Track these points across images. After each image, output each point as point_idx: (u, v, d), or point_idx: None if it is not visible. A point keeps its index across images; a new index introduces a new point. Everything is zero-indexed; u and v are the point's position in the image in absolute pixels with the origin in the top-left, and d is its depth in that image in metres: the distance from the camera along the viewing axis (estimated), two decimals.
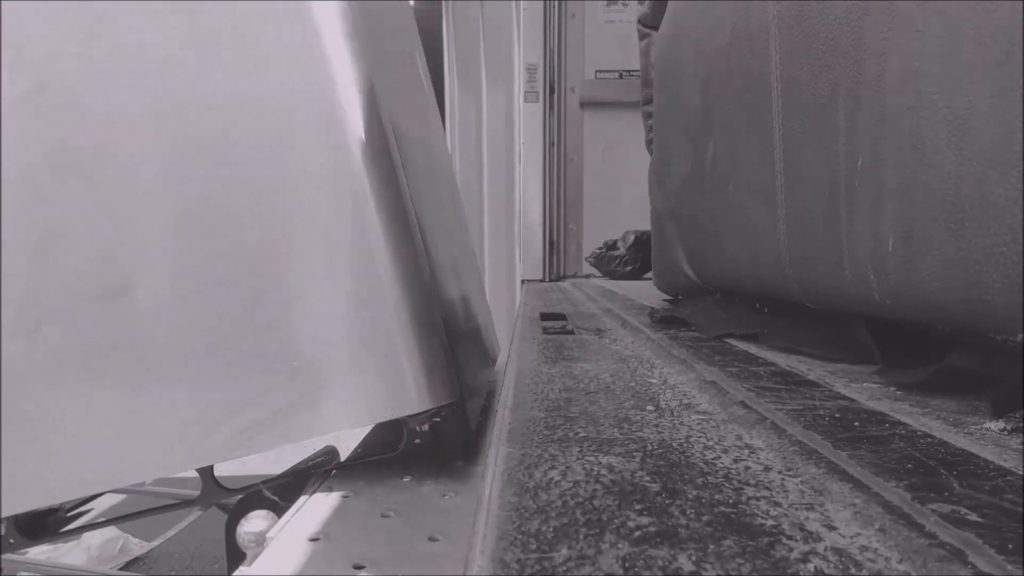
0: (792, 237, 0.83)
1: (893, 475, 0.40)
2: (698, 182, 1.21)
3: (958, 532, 0.31)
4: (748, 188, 0.96)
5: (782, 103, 0.84)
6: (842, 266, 0.70)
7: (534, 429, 0.52)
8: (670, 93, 1.46)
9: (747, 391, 0.62)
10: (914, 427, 0.51)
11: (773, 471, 0.43)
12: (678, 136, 1.36)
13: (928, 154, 0.55)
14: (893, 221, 0.61)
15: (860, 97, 0.65)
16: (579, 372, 0.75)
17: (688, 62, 1.27)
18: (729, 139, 1.05)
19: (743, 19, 0.97)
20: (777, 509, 0.36)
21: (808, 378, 0.71)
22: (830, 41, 0.71)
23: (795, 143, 0.81)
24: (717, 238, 1.12)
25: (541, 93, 3.04)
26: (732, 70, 1.02)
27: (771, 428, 0.50)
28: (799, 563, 0.30)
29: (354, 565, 0.73)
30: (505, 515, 0.35)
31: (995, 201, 0.48)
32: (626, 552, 0.31)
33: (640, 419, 0.55)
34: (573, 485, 0.39)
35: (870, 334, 0.77)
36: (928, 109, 0.55)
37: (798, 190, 0.81)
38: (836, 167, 0.71)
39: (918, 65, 0.56)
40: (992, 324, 0.53)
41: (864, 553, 0.31)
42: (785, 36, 0.82)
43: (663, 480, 0.41)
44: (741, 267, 1.04)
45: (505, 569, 0.29)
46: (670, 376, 0.74)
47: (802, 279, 0.82)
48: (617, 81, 3.10)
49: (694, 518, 0.35)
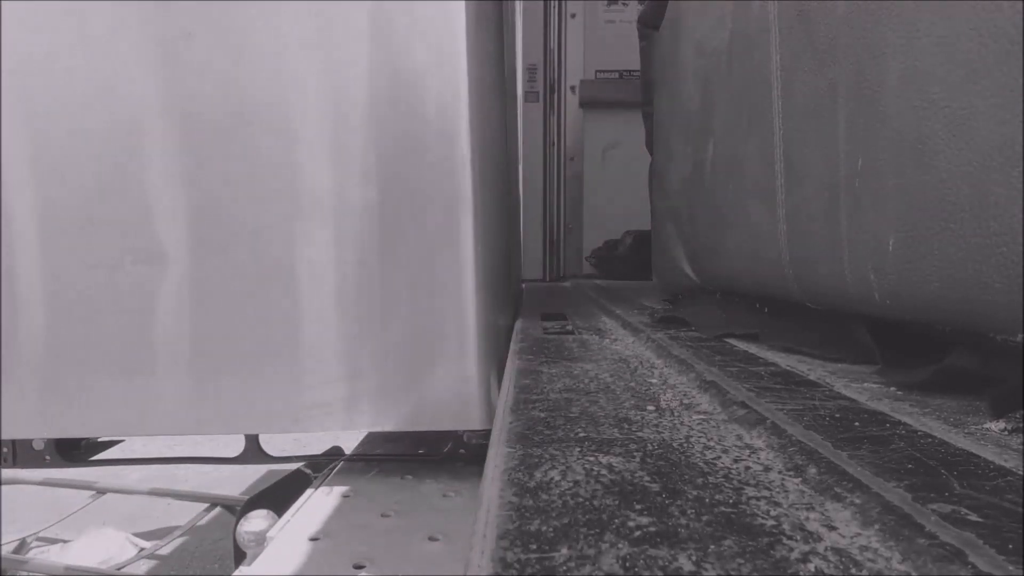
0: (792, 237, 0.83)
1: (893, 475, 0.40)
2: (698, 182, 1.21)
3: (958, 532, 0.31)
4: (748, 188, 0.96)
5: (782, 103, 0.84)
6: (842, 266, 0.70)
7: (534, 429, 0.52)
8: (670, 93, 1.46)
9: (747, 391, 0.62)
10: (914, 427, 0.51)
11: (773, 471, 0.43)
12: (678, 136, 1.36)
13: (928, 154, 0.55)
14: (893, 221, 0.61)
15: (860, 97, 0.65)
16: (579, 372, 0.75)
17: (688, 62, 1.27)
18: (729, 139, 1.05)
19: (743, 19, 0.97)
20: (777, 509, 0.36)
21: (808, 378, 0.71)
22: (830, 41, 0.71)
23: (795, 143, 0.81)
24: (717, 238, 1.12)
25: (541, 93, 3.03)
26: (732, 70, 1.02)
27: (771, 428, 0.50)
28: (799, 563, 0.30)
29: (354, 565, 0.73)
30: (505, 515, 0.35)
31: (995, 201, 0.48)
32: (626, 552, 0.31)
33: (640, 419, 0.55)
34: (573, 485, 0.39)
35: (870, 334, 0.77)
36: (928, 109, 0.55)
37: (798, 190, 0.81)
38: (836, 167, 0.70)
39: (918, 65, 0.56)
40: (992, 324, 0.53)
41: (864, 553, 0.31)
42: (785, 36, 0.82)
43: (663, 480, 0.41)
44: (741, 267, 1.04)
45: (505, 569, 0.29)
46: (670, 376, 0.74)
47: (802, 279, 0.82)
48: (617, 81, 3.10)
49: (694, 518, 0.35)
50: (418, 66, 0.86)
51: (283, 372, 0.88)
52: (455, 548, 0.77)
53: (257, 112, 0.87)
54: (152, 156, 0.88)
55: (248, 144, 0.88)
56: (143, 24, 0.88)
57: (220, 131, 0.88)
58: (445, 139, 0.86)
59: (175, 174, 0.88)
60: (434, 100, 0.86)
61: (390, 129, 0.86)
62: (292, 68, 0.87)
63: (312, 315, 0.88)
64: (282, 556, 0.75)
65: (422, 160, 0.86)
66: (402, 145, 0.86)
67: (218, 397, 0.89)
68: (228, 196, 0.88)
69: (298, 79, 0.87)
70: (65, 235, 0.89)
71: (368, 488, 0.94)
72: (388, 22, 0.86)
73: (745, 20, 0.96)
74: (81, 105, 0.89)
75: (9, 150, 0.89)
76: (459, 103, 0.86)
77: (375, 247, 0.87)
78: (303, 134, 0.87)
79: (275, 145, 0.87)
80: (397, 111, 0.86)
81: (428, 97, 0.86)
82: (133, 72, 0.88)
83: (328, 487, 0.94)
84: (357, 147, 0.87)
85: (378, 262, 0.87)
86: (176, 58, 0.87)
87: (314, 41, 0.86)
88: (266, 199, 0.88)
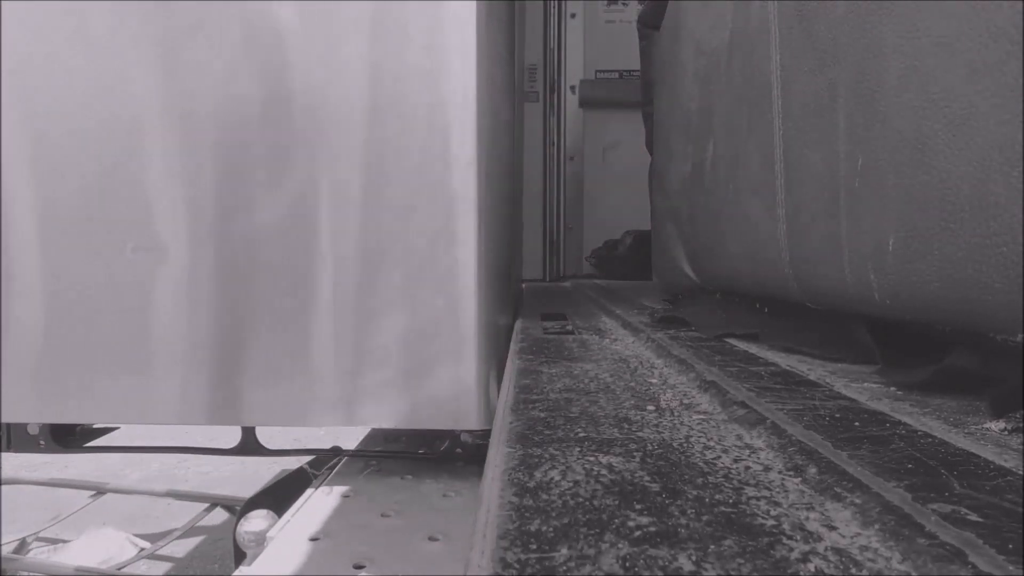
0: (792, 237, 0.83)
1: (893, 475, 0.40)
2: (698, 182, 1.21)
3: (958, 532, 0.31)
4: (748, 188, 0.96)
5: (782, 103, 0.84)
6: (842, 266, 0.70)
7: (534, 429, 0.52)
8: (670, 93, 1.46)
9: (747, 391, 0.62)
10: (914, 427, 0.51)
11: (773, 471, 0.43)
12: (678, 136, 1.36)
13: (928, 154, 0.55)
14: (893, 221, 0.61)
15: (860, 97, 0.65)
16: (579, 372, 0.75)
17: (688, 62, 1.27)
18: (729, 139, 1.05)
19: (743, 19, 0.97)
20: (777, 509, 0.36)
21: (808, 378, 0.71)
22: (830, 41, 0.71)
23: (795, 143, 0.81)
24: (717, 238, 1.12)
25: (541, 93, 3.03)
26: (732, 70, 1.02)
27: (771, 428, 0.50)
28: (799, 563, 0.30)
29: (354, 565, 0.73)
30: (505, 515, 0.35)
31: (995, 201, 0.48)
32: (626, 552, 0.31)
33: (640, 419, 0.55)
34: (573, 485, 0.39)
35: (870, 334, 0.77)
36: (928, 109, 0.55)
37: (798, 190, 0.81)
38: (836, 167, 0.70)
39: (918, 65, 0.56)
40: (992, 324, 0.53)
41: (864, 553, 0.31)
42: (785, 36, 0.82)
43: (663, 480, 0.41)
44: (741, 267, 1.04)
45: (505, 569, 0.29)
46: (670, 376, 0.74)
47: (802, 279, 0.82)
48: (617, 81, 3.10)
49: (694, 518, 0.35)
50: (427, 63, 0.86)
51: (281, 366, 0.89)
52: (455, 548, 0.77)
53: (259, 109, 0.87)
54: (152, 154, 0.88)
55: (248, 140, 0.88)
56: (143, 24, 0.88)
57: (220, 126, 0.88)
58: (452, 137, 0.86)
59: (174, 170, 0.89)
60: (442, 98, 0.86)
61: (396, 125, 0.86)
62: (296, 63, 0.87)
63: (312, 310, 0.88)
64: (282, 556, 0.75)
65: (426, 158, 0.86)
66: (406, 142, 0.86)
67: (215, 389, 0.89)
68: (229, 190, 0.88)
69: (301, 74, 0.87)
70: (64, 226, 0.90)
71: (368, 488, 0.94)
72: (398, 18, 0.86)
73: (745, 20, 0.96)
74: (81, 105, 0.89)
75: (9, 149, 0.89)
76: (468, 101, 0.86)
77: (377, 243, 0.87)
78: (306, 129, 0.87)
79: (278, 142, 0.87)
80: (405, 107, 0.86)
81: (436, 94, 0.86)
82: (133, 72, 0.88)
83: (328, 487, 0.94)
84: (360, 143, 0.87)
85: (380, 258, 0.87)
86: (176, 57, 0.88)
87: (319, 36, 0.86)
88: (268, 195, 0.88)
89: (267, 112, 0.87)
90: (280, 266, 0.88)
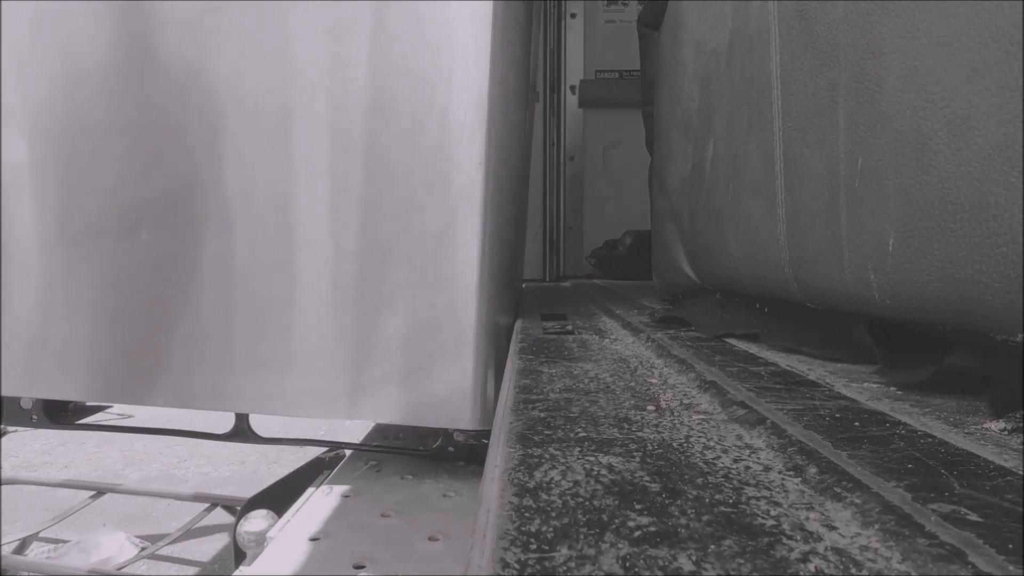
0: (792, 237, 0.83)
1: (893, 475, 0.40)
2: (698, 182, 1.21)
3: (958, 532, 0.31)
4: (748, 188, 0.96)
5: (782, 103, 0.84)
6: (842, 266, 0.70)
7: (534, 429, 0.52)
8: (670, 93, 1.46)
9: (747, 391, 0.62)
10: (914, 427, 0.51)
11: (773, 471, 0.43)
12: (678, 136, 1.36)
13: (928, 154, 0.55)
14: (893, 221, 0.61)
15: (860, 97, 0.65)
16: (579, 372, 0.75)
17: (688, 62, 1.27)
18: (729, 139, 1.05)
19: (743, 19, 0.97)
20: (777, 509, 0.36)
21: (808, 378, 0.71)
22: (830, 41, 0.71)
23: (795, 143, 0.81)
24: (717, 238, 1.12)
25: (541, 93, 3.04)
26: (732, 70, 1.02)
27: (771, 428, 0.50)
28: (799, 563, 0.30)
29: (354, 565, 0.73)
30: (505, 515, 0.35)
31: (995, 201, 0.48)
32: (626, 552, 0.31)
33: (640, 419, 0.55)
34: (573, 485, 0.39)
35: (870, 334, 0.77)
36: (928, 109, 0.55)
37: (798, 190, 0.81)
38: (836, 167, 0.70)
39: (918, 65, 0.56)
40: (992, 324, 0.53)
41: (864, 553, 0.31)
42: (785, 36, 0.82)
43: (663, 480, 0.41)
44: (741, 267, 1.04)
45: (505, 569, 0.29)
46: (670, 376, 0.74)
47: (802, 279, 0.82)
48: (617, 81, 3.10)
49: (694, 518, 0.35)
50: (441, 62, 0.86)
51: (277, 355, 0.89)
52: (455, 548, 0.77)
53: (262, 106, 0.87)
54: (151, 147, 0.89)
55: (251, 134, 0.88)
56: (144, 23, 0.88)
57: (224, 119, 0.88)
58: (463, 138, 0.86)
59: (175, 162, 0.89)
60: (455, 99, 0.86)
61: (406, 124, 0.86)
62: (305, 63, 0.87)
63: (311, 303, 0.88)
64: (282, 556, 0.75)
65: (436, 158, 0.86)
66: (417, 141, 0.86)
67: (210, 374, 0.90)
68: (231, 184, 0.88)
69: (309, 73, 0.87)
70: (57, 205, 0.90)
71: (368, 488, 0.94)
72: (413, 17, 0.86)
73: (745, 20, 0.96)
74: (81, 104, 0.89)
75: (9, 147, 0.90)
76: (480, 103, 0.86)
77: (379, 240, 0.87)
78: (310, 126, 0.87)
79: (282, 139, 0.88)
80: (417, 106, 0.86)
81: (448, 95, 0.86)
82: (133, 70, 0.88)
83: (328, 487, 0.94)
84: (363, 139, 0.87)
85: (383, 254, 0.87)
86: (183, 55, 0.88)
87: (331, 35, 0.86)
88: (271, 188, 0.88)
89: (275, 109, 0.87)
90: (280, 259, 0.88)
